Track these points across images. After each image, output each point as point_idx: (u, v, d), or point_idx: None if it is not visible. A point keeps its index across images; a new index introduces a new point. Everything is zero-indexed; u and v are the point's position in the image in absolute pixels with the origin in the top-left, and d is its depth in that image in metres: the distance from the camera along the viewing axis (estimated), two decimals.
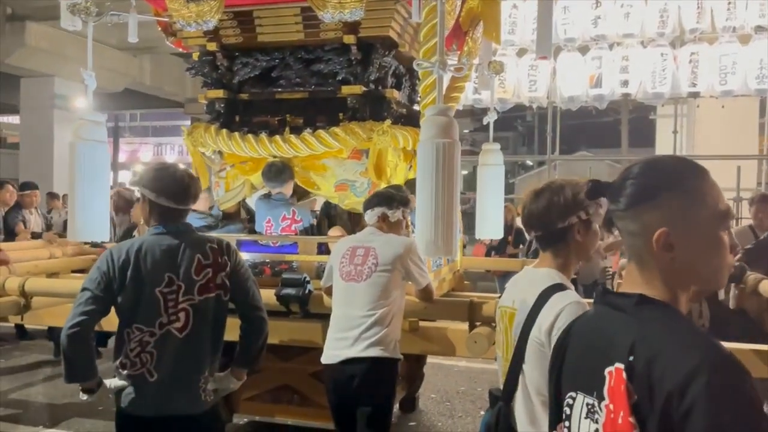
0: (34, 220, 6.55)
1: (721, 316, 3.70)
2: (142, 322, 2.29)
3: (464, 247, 6.00)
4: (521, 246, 7.49)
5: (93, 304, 2.26)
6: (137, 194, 6.21)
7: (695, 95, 8.20)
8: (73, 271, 5.23)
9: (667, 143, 10.23)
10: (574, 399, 1.13)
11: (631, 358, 1.01)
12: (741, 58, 7.76)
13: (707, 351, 0.97)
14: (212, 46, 3.98)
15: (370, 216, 3.02)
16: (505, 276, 7.55)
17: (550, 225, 1.80)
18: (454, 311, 3.23)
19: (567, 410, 1.15)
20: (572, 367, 1.19)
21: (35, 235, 6.12)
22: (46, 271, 4.90)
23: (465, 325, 3.20)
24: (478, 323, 3.09)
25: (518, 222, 8.06)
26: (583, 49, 8.51)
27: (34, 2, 11.20)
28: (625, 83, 8.27)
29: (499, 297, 2.01)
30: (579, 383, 1.13)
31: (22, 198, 6.60)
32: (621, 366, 1.02)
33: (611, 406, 1.03)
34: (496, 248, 7.42)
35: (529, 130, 26.78)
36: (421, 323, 3.38)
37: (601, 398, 1.05)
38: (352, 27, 3.69)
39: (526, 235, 7.84)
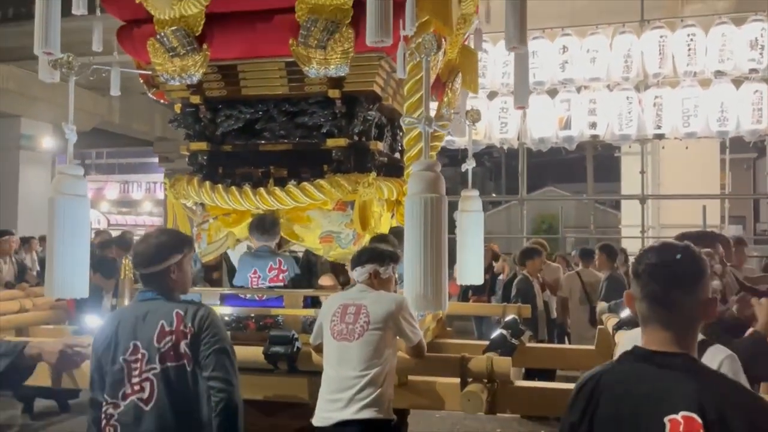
0: (8, 269, 6.37)
1: None
2: (108, 392, 2.26)
3: None
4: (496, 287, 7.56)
5: (93, 410, 2.30)
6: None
7: (660, 137, 8.48)
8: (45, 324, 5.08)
9: (633, 181, 10.50)
10: None
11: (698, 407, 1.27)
12: (702, 102, 8.10)
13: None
14: (196, 99, 3.97)
15: (360, 273, 3.01)
16: (482, 318, 7.60)
17: None
18: (445, 367, 3.22)
19: None
20: (609, 415, 1.39)
21: (9, 285, 5.95)
22: (18, 326, 4.74)
23: (455, 379, 3.20)
24: (469, 379, 3.08)
25: (494, 264, 8.14)
26: (552, 92, 8.77)
27: (1, 42, 11.07)
28: (593, 125, 8.54)
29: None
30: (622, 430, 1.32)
31: None
32: (690, 414, 1.27)
33: None
34: (475, 288, 7.42)
35: (496, 166, 27.18)
36: (410, 377, 3.36)
37: None
38: (336, 81, 3.74)
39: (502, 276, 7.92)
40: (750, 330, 2.61)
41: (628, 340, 2.30)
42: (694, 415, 1.25)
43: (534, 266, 6.12)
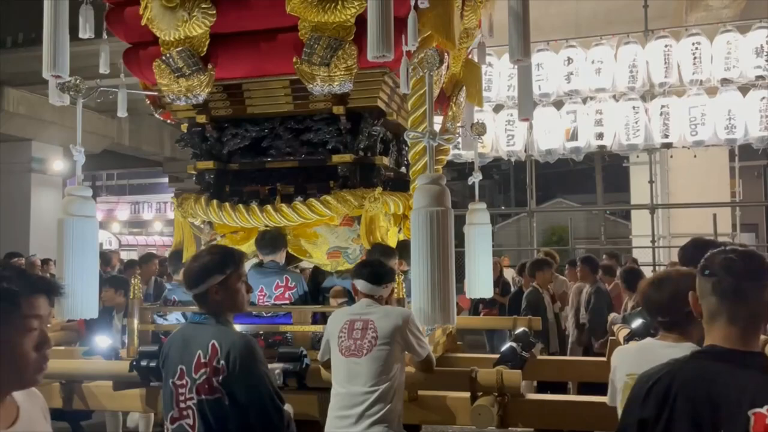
0: None
1: None
2: (164, 411, 2.30)
3: None
4: (507, 295, 7.48)
5: None
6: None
7: (668, 146, 8.44)
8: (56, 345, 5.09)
9: (642, 191, 10.44)
10: None
11: None
12: (709, 110, 8.07)
13: None
14: (202, 119, 4.01)
15: (364, 286, 3.01)
16: (493, 332, 7.53)
17: (676, 312, 2.07)
18: (455, 381, 3.20)
19: None
20: (688, 413, 1.43)
21: None
22: None
23: (465, 393, 3.17)
24: (480, 393, 3.06)
25: (505, 274, 8.11)
26: (558, 104, 8.77)
27: (12, 68, 11.25)
28: (600, 135, 8.51)
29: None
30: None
31: None
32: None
33: None
34: (486, 302, 7.37)
35: (505, 178, 27.15)
36: (420, 392, 3.34)
37: None
38: (341, 98, 3.77)
39: (512, 285, 7.87)
40: None
41: (622, 355, 2.32)
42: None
43: (544, 278, 6.07)
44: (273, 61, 3.75)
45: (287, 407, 2.30)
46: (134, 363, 3.28)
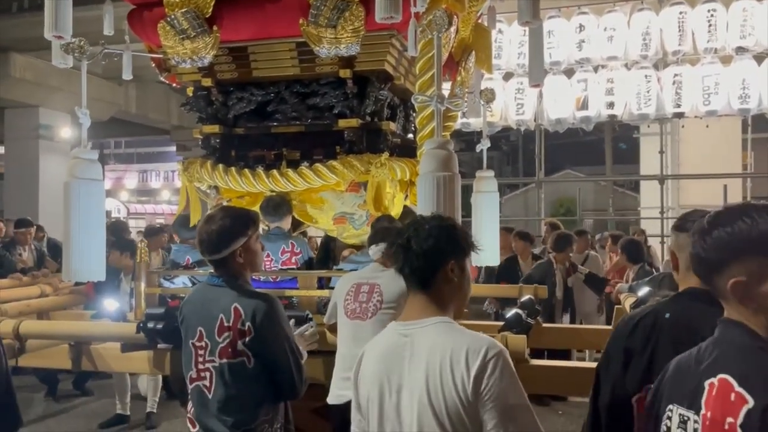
0: (27, 257, 6.50)
1: None
2: (184, 370, 2.32)
3: None
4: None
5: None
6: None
7: (680, 116, 8.31)
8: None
9: (652, 163, 10.35)
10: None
11: None
12: (723, 79, 7.91)
13: None
14: (207, 82, 3.97)
15: (375, 251, 3.00)
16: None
17: None
18: None
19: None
20: (671, 344, 1.61)
21: (29, 270, 6.07)
22: (39, 310, 4.82)
23: None
24: None
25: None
26: (569, 72, 8.63)
27: (18, 33, 11.17)
28: (611, 105, 8.39)
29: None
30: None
31: (17, 235, 6.56)
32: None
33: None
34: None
35: (513, 150, 27.02)
36: None
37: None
38: (347, 61, 3.71)
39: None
40: None
41: None
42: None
43: (563, 256, 6.04)
44: (279, 22, 3.69)
45: (304, 361, 2.37)
46: (141, 325, 3.30)
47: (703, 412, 1.21)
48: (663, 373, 1.41)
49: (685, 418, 1.25)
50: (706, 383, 1.22)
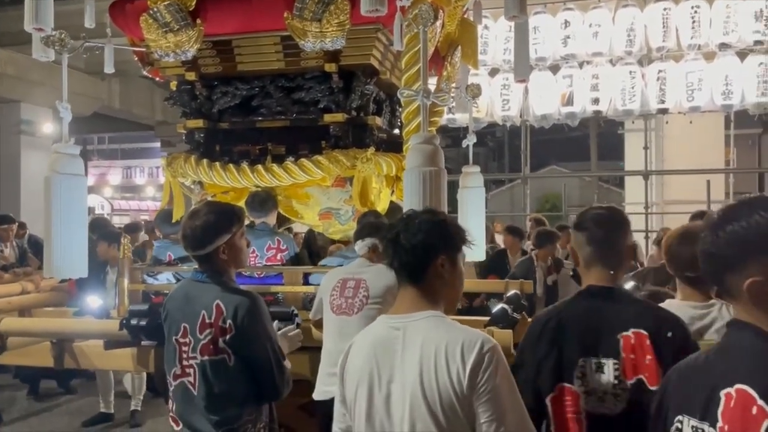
0: (9, 253, 6.40)
1: None
2: (167, 366, 2.28)
3: None
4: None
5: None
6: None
7: (664, 111, 8.37)
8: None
9: (636, 159, 10.41)
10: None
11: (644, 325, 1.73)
12: (706, 75, 7.98)
13: None
14: (191, 76, 3.93)
15: (361, 247, 2.99)
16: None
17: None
18: None
19: None
20: (575, 342, 1.75)
21: (10, 267, 5.97)
22: (20, 308, 4.74)
23: None
24: None
25: (497, 239, 8.10)
26: (554, 68, 8.66)
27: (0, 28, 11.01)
28: (596, 101, 8.42)
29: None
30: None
31: None
32: (638, 330, 1.73)
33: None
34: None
35: (499, 146, 27.11)
36: None
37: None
38: (333, 55, 3.69)
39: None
40: None
41: None
42: (641, 330, 1.71)
43: (545, 253, 6.02)
44: (263, 16, 3.66)
45: (286, 363, 2.32)
46: (124, 322, 3.26)
47: (720, 424, 1.13)
48: (665, 382, 1.35)
49: (699, 430, 1.18)
50: (722, 393, 1.14)
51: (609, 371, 1.71)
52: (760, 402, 1.07)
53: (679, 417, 1.22)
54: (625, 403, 1.71)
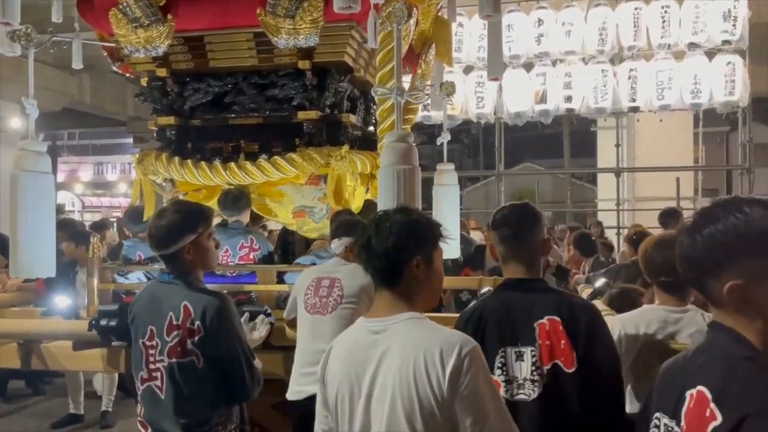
0: None
1: None
2: (134, 369, 2.26)
3: None
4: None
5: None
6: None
7: (635, 110, 8.49)
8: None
9: (609, 156, 10.56)
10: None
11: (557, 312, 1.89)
12: (676, 74, 8.11)
13: None
14: (162, 72, 3.87)
15: (337, 246, 2.97)
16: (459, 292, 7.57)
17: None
18: None
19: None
20: (495, 331, 1.87)
21: None
22: None
23: None
24: None
25: (472, 236, 8.14)
26: (528, 66, 8.72)
27: None
28: (569, 99, 8.50)
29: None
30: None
31: None
32: (552, 317, 1.85)
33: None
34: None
35: (474, 143, 27.19)
36: None
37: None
38: (306, 52, 3.66)
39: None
40: None
41: (623, 321, 2.30)
42: (555, 317, 1.83)
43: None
44: (236, 12, 3.62)
45: (257, 362, 2.29)
46: (93, 322, 3.21)
47: (682, 424, 1.14)
48: (653, 379, 1.33)
49: (670, 429, 1.18)
50: (687, 393, 1.14)
51: (527, 358, 1.82)
52: (712, 405, 1.07)
53: (657, 414, 1.23)
54: (542, 388, 1.80)
